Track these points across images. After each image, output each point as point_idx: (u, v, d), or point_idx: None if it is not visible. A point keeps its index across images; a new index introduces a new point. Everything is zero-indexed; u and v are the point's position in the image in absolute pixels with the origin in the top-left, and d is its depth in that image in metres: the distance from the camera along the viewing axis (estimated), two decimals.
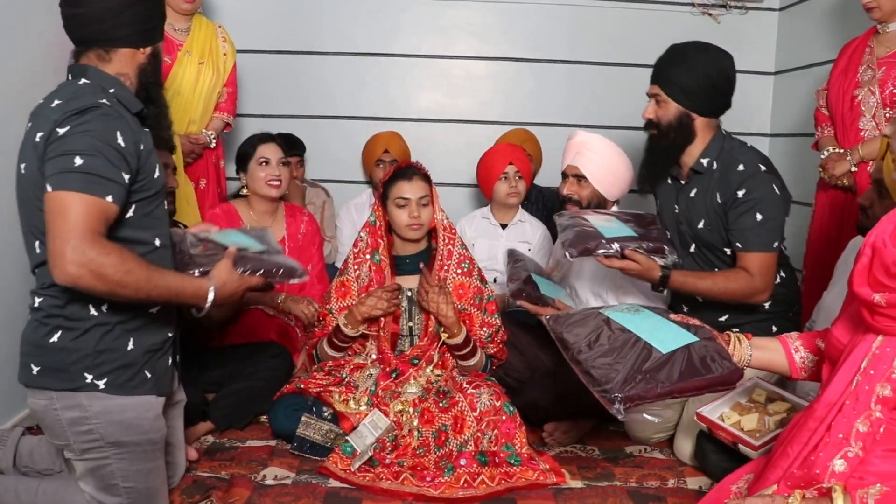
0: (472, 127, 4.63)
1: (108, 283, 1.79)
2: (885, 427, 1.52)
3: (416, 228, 2.88)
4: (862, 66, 3.19)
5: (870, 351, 1.57)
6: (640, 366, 1.79)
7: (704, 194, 2.76)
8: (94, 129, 1.85)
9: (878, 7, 3.08)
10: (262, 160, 3.38)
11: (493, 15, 4.59)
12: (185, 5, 3.50)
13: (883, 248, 1.57)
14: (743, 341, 1.97)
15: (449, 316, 2.80)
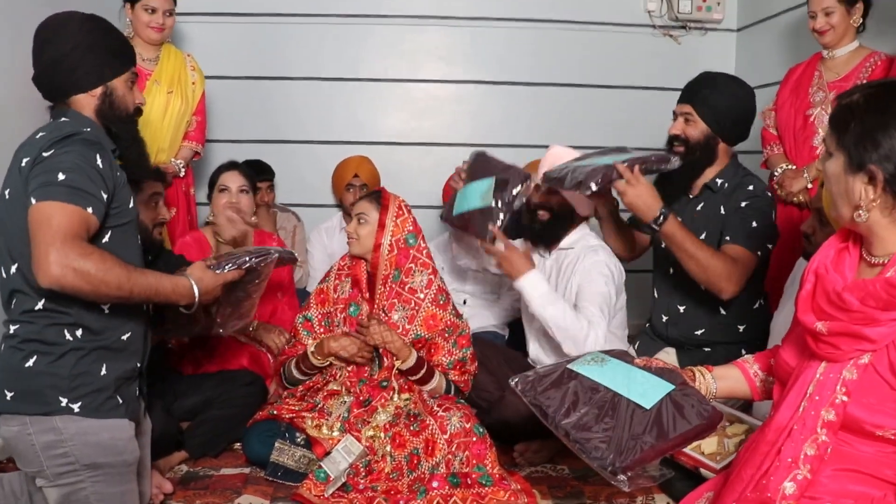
0: (439, 149, 4.69)
1: (92, 281, 1.85)
2: (833, 448, 1.57)
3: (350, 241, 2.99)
4: (812, 87, 3.33)
5: (814, 377, 1.60)
6: (630, 430, 1.74)
7: (711, 209, 2.90)
8: (76, 150, 1.94)
9: (832, 30, 3.20)
10: (222, 187, 3.41)
11: (458, 38, 4.66)
12: (154, 35, 3.53)
13: (825, 274, 1.61)
14: (706, 374, 1.99)
15: (394, 341, 2.86)
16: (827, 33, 3.23)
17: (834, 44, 3.26)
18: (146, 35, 3.51)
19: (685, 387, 1.86)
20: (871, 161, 1.49)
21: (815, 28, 3.25)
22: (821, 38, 3.27)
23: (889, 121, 1.47)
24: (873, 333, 1.49)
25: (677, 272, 2.96)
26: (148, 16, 3.48)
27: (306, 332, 3.04)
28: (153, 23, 3.49)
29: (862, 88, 1.56)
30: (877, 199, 1.51)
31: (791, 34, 4.12)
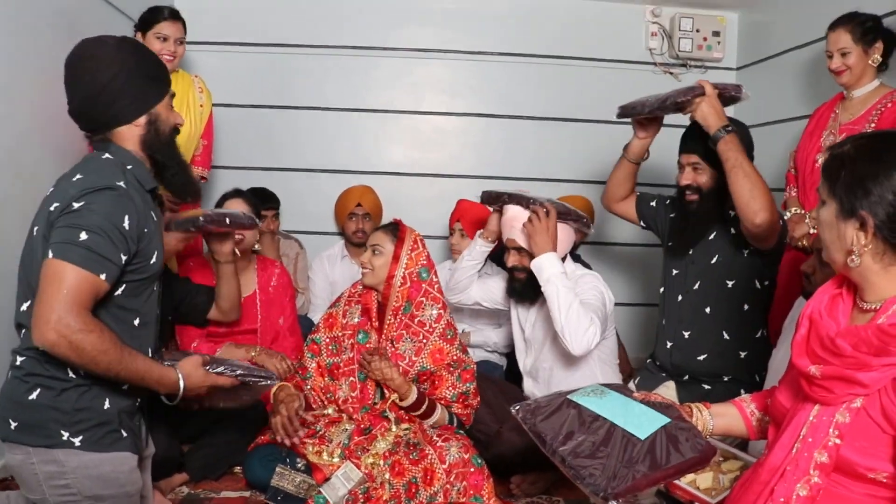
0: (442, 180, 4.75)
1: (83, 357, 1.88)
2: (825, 490, 1.59)
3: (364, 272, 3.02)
4: (826, 130, 3.27)
5: (808, 420, 1.63)
6: (623, 459, 1.76)
7: (722, 236, 2.99)
8: (104, 209, 1.93)
9: (848, 70, 3.15)
10: None
11: (462, 72, 4.74)
12: (166, 65, 3.54)
13: (819, 319, 1.65)
14: (703, 411, 2.02)
15: (395, 379, 2.89)
16: (843, 74, 3.18)
17: (851, 84, 3.20)
18: None
19: (681, 421, 1.89)
20: (862, 207, 1.54)
21: (831, 68, 3.22)
22: (838, 79, 3.23)
23: (879, 169, 1.52)
24: (866, 378, 1.52)
25: (686, 300, 3.06)
26: (160, 44, 3.49)
27: (311, 355, 3.09)
28: (165, 51, 3.49)
29: (853, 140, 1.62)
30: (868, 244, 1.56)
31: (790, 74, 4.19)
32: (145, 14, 3.53)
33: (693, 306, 3.01)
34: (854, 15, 3.16)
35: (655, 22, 4.75)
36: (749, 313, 3.03)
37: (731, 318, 3.02)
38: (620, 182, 3.31)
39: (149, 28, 3.49)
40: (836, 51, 3.17)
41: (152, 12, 3.52)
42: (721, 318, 3.00)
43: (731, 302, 3.02)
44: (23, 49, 2.96)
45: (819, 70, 3.89)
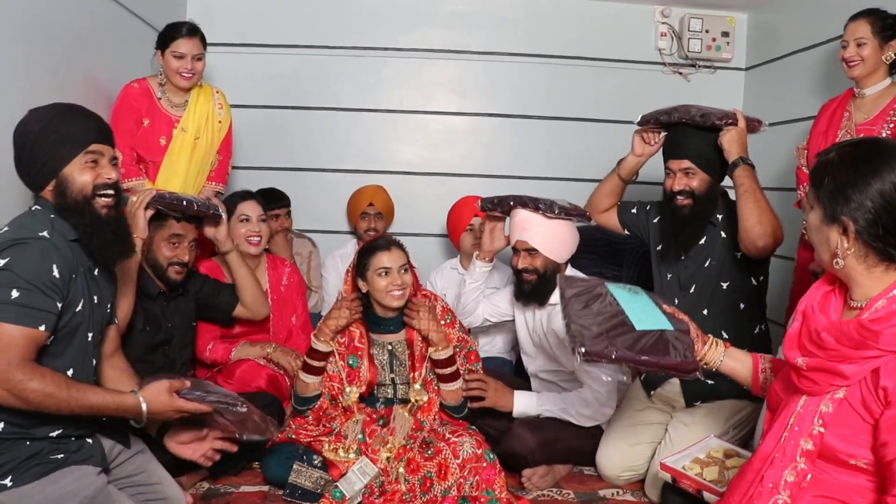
0: (453, 179, 4.80)
1: (30, 404, 1.97)
2: (812, 476, 1.69)
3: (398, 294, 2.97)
4: (841, 130, 3.23)
5: (796, 410, 1.74)
6: (611, 334, 1.99)
7: (713, 240, 3.03)
8: (30, 261, 2.00)
9: (861, 63, 3.12)
10: (243, 217, 3.50)
11: (473, 72, 4.78)
12: (183, 82, 3.51)
13: (811, 314, 1.76)
14: (719, 346, 2.10)
15: (437, 331, 2.97)
16: (856, 66, 3.14)
17: (862, 78, 3.16)
18: (177, 82, 3.50)
19: (683, 335, 2.02)
20: (844, 214, 1.64)
21: (844, 57, 3.18)
22: (849, 71, 3.18)
23: (858, 178, 1.62)
24: (847, 370, 1.62)
25: (682, 303, 3.08)
26: (177, 62, 3.46)
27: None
28: (182, 69, 3.46)
29: (839, 147, 1.71)
30: (851, 248, 1.66)
31: (798, 74, 4.22)
32: (163, 31, 3.51)
33: (690, 309, 3.01)
34: (877, 10, 3.14)
35: (665, 22, 4.78)
36: (746, 311, 3.08)
37: (729, 317, 3.06)
38: (606, 195, 3.35)
39: (166, 46, 3.47)
40: (853, 40, 3.14)
41: (170, 29, 3.49)
42: (719, 318, 3.04)
43: (727, 302, 3.06)
44: (46, 63, 3.00)
45: (827, 71, 3.93)
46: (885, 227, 1.61)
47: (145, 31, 3.87)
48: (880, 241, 1.63)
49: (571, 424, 3.11)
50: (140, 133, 3.48)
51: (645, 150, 3.19)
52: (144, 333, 2.95)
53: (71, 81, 3.21)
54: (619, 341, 1.97)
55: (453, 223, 4.09)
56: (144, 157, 3.51)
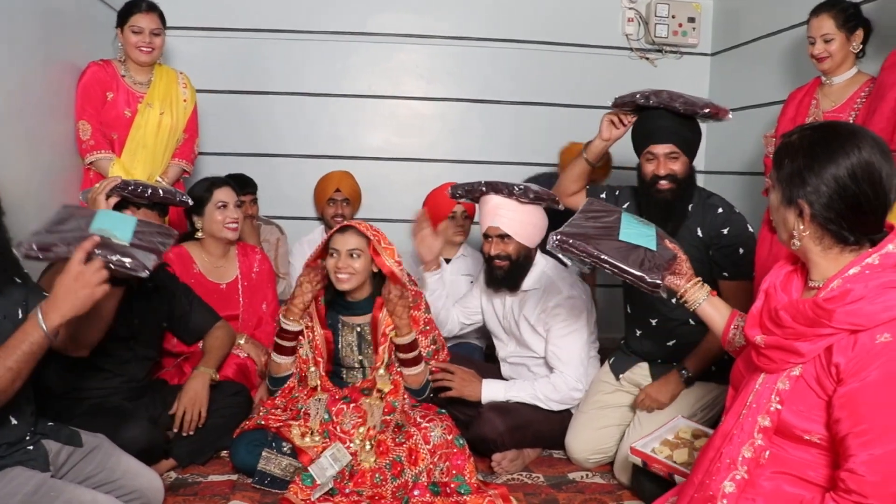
0: (420, 165, 4.79)
1: None
2: (771, 452, 1.73)
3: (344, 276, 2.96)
4: (809, 117, 3.26)
5: (754, 388, 1.78)
6: (594, 234, 2.19)
7: (685, 230, 3.00)
8: None
9: (830, 57, 3.16)
10: (221, 204, 3.45)
11: (441, 57, 4.77)
12: (143, 57, 3.57)
13: (773, 293, 1.81)
14: (703, 289, 2.16)
15: (403, 317, 2.97)
16: (825, 60, 3.18)
17: (832, 70, 3.21)
18: (136, 57, 3.57)
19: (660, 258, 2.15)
20: (800, 196, 1.67)
21: (813, 54, 3.21)
22: (819, 65, 3.23)
23: (815, 163, 1.65)
24: (803, 348, 1.67)
25: None
26: (135, 37, 3.53)
27: None
28: (141, 43, 3.53)
29: (800, 130, 1.74)
30: (806, 230, 1.70)
31: (763, 60, 4.26)
32: (122, 8, 3.56)
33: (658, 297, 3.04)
34: (836, 1, 3.16)
35: (632, 8, 4.80)
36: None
37: None
38: (574, 179, 3.31)
39: (125, 22, 3.54)
40: (819, 37, 3.17)
41: (128, 6, 3.55)
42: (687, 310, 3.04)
43: None
44: (7, 47, 2.96)
45: (792, 56, 3.97)
46: (839, 211, 1.64)
47: (108, 14, 3.80)
48: (835, 225, 1.66)
49: (541, 409, 3.12)
50: (104, 107, 3.53)
51: (613, 133, 3.15)
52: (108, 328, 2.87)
53: (32, 66, 3.17)
54: (594, 240, 2.15)
55: (433, 211, 4.03)
56: (109, 131, 3.52)
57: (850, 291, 1.61)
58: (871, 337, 1.57)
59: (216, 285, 3.52)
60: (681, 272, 2.18)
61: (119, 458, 2.35)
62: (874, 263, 1.64)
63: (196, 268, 3.47)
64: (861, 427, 1.55)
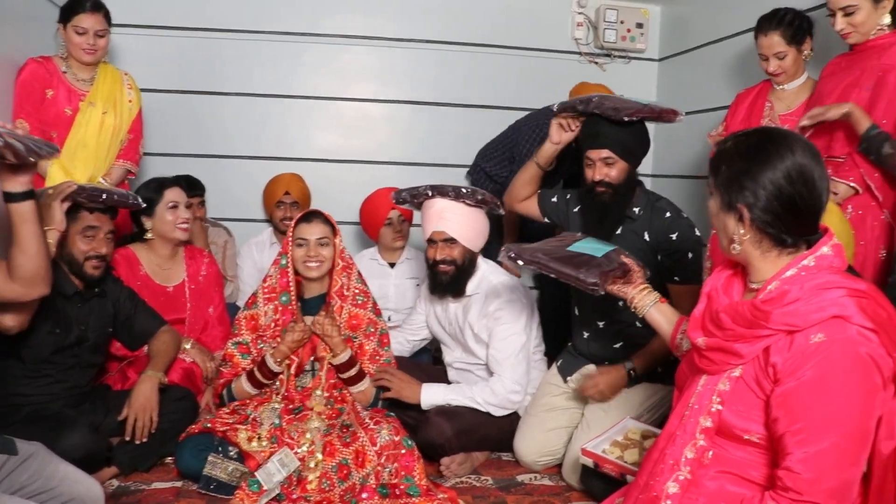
0: (370, 167, 4.77)
1: None
2: (714, 452, 1.77)
3: (313, 265, 3.03)
4: (764, 119, 3.30)
5: (696, 390, 1.81)
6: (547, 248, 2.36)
7: (632, 234, 3.02)
8: None
9: (785, 72, 3.22)
10: (172, 204, 3.40)
11: (391, 59, 4.75)
12: (86, 57, 3.46)
13: (715, 296, 1.86)
14: (651, 295, 2.26)
15: (334, 337, 2.98)
16: (781, 76, 3.24)
17: (788, 81, 3.27)
18: (79, 56, 3.46)
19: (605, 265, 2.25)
20: (738, 201, 1.71)
21: (768, 71, 3.24)
22: (774, 79, 3.28)
23: (751, 167, 1.69)
24: (742, 349, 1.70)
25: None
26: (79, 37, 3.42)
27: (243, 356, 3.08)
28: (84, 44, 3.42)
29: (735, 136, 1.78)
30: (746, 234, 1.74)
31: (709, 65, 4.33)
32: (66, 3, 3.45)
33: (605, 299, 3.04)
34: (782, 16, 3.18)
35: (581, 13, 4.84)
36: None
37: None
38: (525, 183, 3.32)
39: (68, 20, 3.41)
40: (772, 55, 3.20)
41: (72, 3, 3.43)
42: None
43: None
44: None
45: (737, 62, 4.04)
46: (777, 214, 1.68)
47: (49, 9, 3.71)
48: (773, 228, 1.70)
49: None
50: (43, 105, 3.42)
51: (562, 137, 3.16)
52: (53, 336, 2.79)
53: None
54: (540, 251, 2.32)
55: (369, 218, 4.06)
56: (49, 129, 3.42)
57: (786, 293, 1.65)
58: (805, 337, 1.60)
59: (163, 288, 3.46)
60: (632, 280, 2.27)
61: (56, 465, 2.29)
62: (810, 265, 1.68)
63: (142, 270, 3.42)
64: (797, 425, 1.58)
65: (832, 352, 1.57)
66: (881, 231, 2.81)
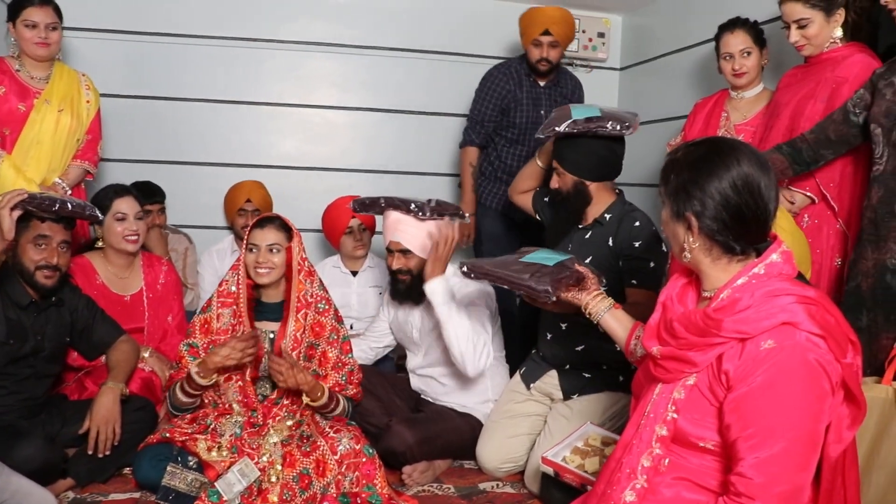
0: (332, 174, 4.77)
1: None
2: (670, 460, 1.79)
3: (263, 272, 2.96)
4: (720, 129, 3.36)
5: (652, 398, 1.84)
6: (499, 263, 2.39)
7: (599, 238, 3.08)
8: None
9: (748, 72, 3.26)
10: (119, 215, 3.34)
11: (353, 66, 4.76)
12: (40, 51, 3.39)
13: (670, 305, 1.88)
14: (605, 301, 2.27)
15: (308, 382, 2.86)
16: (743, 76, 3.27)
17: (747, 85, 3.32)
18: (32, 52, 3.39)
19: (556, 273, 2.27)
20: (687, 210, 1.75)
21: (733, 68, 3.28)
22: (736, 81, 3.31)
23: (698, 177, 1.73)
24: (696, 357, 1.73)
25: None
26: (29, 31, 3.34)
27: (193, 359, 3.00)
28: (36, 38, 3.35)
29: (685, 146, 1.82)
30: (696, 242, 1.77)
31: (670, 75, 4.39)
32: (12, 1, 3.38)
33: None
34: (745, 20, 3.28)
35: None
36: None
37: None
38: (526, 178, 3.41)
39: (17, 16, 3.34)
40: (738, 52, 3.25)
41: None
42: None
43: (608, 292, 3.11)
44: None
45: (698, 72, 4.09)
46: (725, 222, 1.72)
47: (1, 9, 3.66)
48: (722, 236, 1.73)
49: (450, 420, 3.15)
50: None
51: None
52: (7, 346, 2.74)
53: None
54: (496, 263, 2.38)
55: (330, 226, 4.08)
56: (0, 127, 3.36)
57: (738, 301, 1.68)
58: (756, 344, 1.63)
59: (120, 297, 3.42)
60: (586, 287, 2.29)
61: (9, 477, 2.26)
62: (760, 273, 1.72)
63: (99, 279, 3.37)
64: (748, 431, 1.61)
65: (782, 358, 1.60)
66: (836, 240, 2.87)
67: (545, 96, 4.14)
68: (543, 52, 3.96)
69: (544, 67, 4.02)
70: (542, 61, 3.99)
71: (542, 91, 4.14)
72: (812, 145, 2.76)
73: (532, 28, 3.96)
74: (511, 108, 4.11)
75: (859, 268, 2.56)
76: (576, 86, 4.30)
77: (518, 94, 4.11)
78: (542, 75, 4.10)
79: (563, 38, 4.00)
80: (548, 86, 4.15)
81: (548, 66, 4.01)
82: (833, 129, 2.72)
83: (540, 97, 4.13)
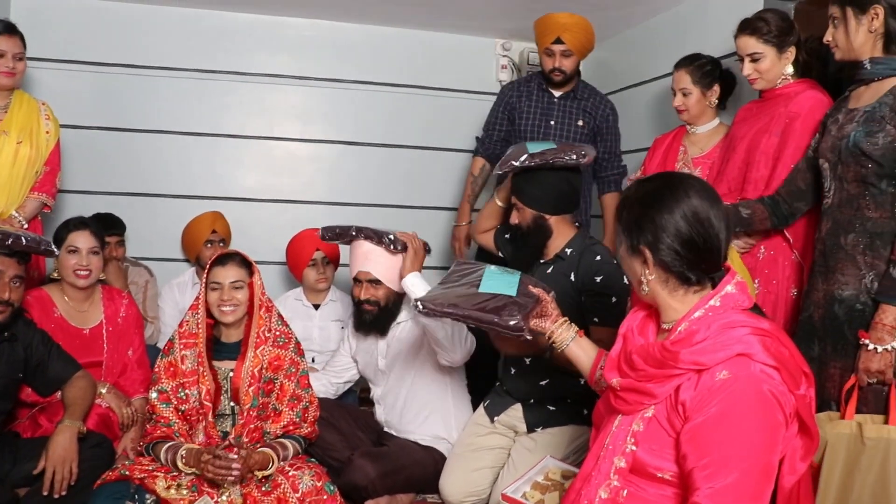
0: (295, 207, 4.77)
1: None
2: (629, 491, 1.80)
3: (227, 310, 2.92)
4: (678, 163, 3.44)
5: (611, 430, 1.85)
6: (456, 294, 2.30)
7: (560, 273, 3.07)
8: None
9: (687, 110, 3.37)
10: (71, 249, 3.30)
11: (316, 99, 4.79)
12: (5, 80, 3.39)
13: (630, 337, 1.91)
14: (570, 330, 2.25)
15: (259, 462, 2.76)
16: (683, 113, 3.39)
17: (691, 121, 3.41)
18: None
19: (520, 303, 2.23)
20: (642, 244, 1.79)
21: (674, 105, 3.41)
22: (679, 115, 3.43)
23: (650, 211, 1.77)
24: (654, 389, 1.75)
25: None
26: None
27: (165, 405, 2.95)
28: (3, 68, 3.35)
29: (637, 183, 1.88)
30: (652, 275, 1.81)
31: (631, 108, 4.45)
32: None
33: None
34: (696, 57, 3.38)
35: (506, 55, 4.95)
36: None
37: None
38: (486, 217, 3.44)
39: None
40: (678, 90, 3.37)
41: None
42: None
43: None
44: None
45: (657, 105, 4.16)
46: (678, 252, 1.75)
47: None
48: (676, 267, 1.77)
49: (414, 453, 3.13)
50: None
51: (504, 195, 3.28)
52: None
53: None
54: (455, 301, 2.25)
55: (294, 258, 4.06)
56: None
57: (694, 333, 1.70)
58: (712, 375, 1.65)
59: (79, 330, 3.36)
60: (546, 313, 2.27)
61: None
62: (716, 305, 1.75)
63: (57, 312, 3.32)
64: (704, 460, 1.62)
65: (736, 388, 1.61)
66: (792, 271, 2.91)
67: (558, 107, 3.98)
68: (556, 61, 3.83)
69: (558, 77, 3.87)
70: (556, 71, 3.84)
71: (557, 102, 3.98)
72: (786, 198, 2.81)
73: (544, 37, 3.84)
74: (516, 118, 4.03)
75: (811, 298, 2.60)
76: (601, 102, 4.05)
77: (524, 104, 4.00)
78: (557, 85, 3.96)
79: (576, 47, 3.83)
80: (564, 97, 3.98)
81: (561, 76, 3.86)
82: (801, 177, 2.78)
83: (552, 108, 3.98)
